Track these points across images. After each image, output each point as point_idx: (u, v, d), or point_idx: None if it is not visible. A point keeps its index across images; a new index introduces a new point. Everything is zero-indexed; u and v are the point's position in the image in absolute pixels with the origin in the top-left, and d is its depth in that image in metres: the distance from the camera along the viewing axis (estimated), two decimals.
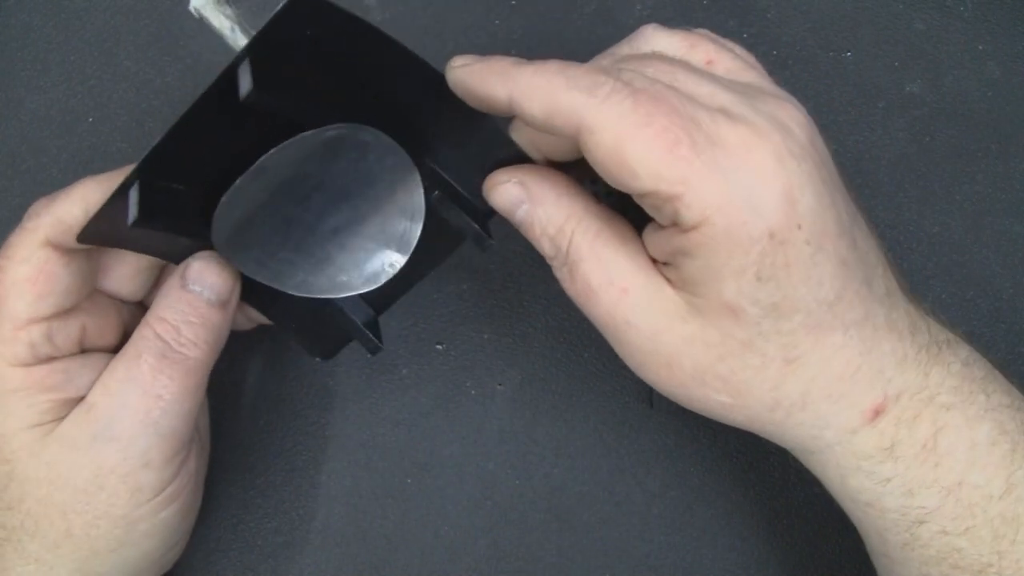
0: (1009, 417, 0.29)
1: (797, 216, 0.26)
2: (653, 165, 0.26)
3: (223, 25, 0.32)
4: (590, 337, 0.40)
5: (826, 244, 0.27)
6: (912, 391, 0.29)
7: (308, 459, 0.39)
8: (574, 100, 0.26)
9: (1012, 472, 0.28)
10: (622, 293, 0.28)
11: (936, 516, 0.28)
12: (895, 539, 0.30)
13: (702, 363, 0.28)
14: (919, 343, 0.29)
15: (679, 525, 0.39)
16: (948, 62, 0.41)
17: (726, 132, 0.26)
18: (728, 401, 0.29)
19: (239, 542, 0.39)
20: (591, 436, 0.39)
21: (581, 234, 0.29)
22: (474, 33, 0.41)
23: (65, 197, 0.31)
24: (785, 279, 0.26)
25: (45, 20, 0.41)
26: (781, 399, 0.28)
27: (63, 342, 0.31)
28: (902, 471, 0.28)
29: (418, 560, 0.39)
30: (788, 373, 0.28)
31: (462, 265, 0.40)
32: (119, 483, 0.31)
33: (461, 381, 0.40)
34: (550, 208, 0.30)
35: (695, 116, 0.26)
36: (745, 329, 0.27)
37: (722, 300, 0.27)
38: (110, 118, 0.40)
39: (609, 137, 0.26)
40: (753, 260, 0.26)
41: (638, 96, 0.26)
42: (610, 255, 0.29)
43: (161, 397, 0.31)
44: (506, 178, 0.30)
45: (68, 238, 0.31)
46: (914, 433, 0.28)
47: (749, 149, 0.26)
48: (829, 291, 0.27)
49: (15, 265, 0.31)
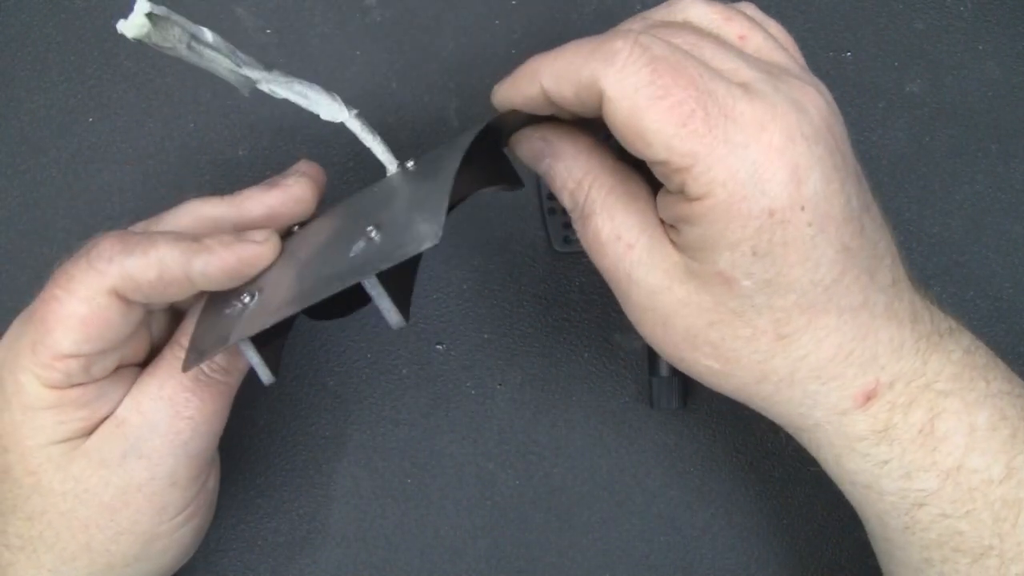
0: (1010, 404, 0.29)
1: (802, 197, 0.26)
2: (666, 137, 0.26)
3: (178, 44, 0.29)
4: (590, 337, 0.40)
5: (829, 228, 0.27)
6: (908, 378, 0.29)
7: (308, 459, 0.39)
8: (594, 71, 0.27)
9: (1013, 457, 0.28)
10: (628, 248, 0.29)
11: (935, 499, 0.29)
12: (895, 522, 0.30)
13: (694, 326, 0.29)
14: (919, 331, 0.29)
15: (679, 525, 0.39)
16: (948, 62, 0.41)
17: (742, 107, 0.26)
18: (716, 367, 0.29)
19: (239, 542, 0.39)
20: (591, 436, 0.39)
21: (596, 189, 0.30)
22: (474, 33, 0.41)
23: (142, 254, 0.30)
24: (782, 257, 0.27)
25: (45, 20, 0.41)
26: (769, 373, 0.29)
27: (99, 372, 0.31)
28: (899, 454, 0.29)
29: (418, 560, 0.39)
30: (778, 348, 0.28)
31: (462, 265, 0.40)
32: (145, 501, 0.31)
33: (461, 381, 0.40)
34: (570, 162, 0.31)
35: (712, 89, 0.26)
36: (738, 300, 0.28)
37: (717, 269, 0.27)
38: (110, 118, 0.40)
39: (626, 106, 0.26)
40: (750, 235, 0.26)
41: (656, 65, 0.26)
42: (620, 211, 0.30)
43: (192, 419, 0.31)
44: (532, 133, 0.31)
45: (136, 295, 0.30)
46: (909, 418, 0.29)
47: (762, 126, 0.26)
48: (826, 274, 0.27)
49: (74, 301, 0.30)
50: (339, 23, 0.41)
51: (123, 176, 0.41)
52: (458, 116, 0.40)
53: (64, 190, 0.41)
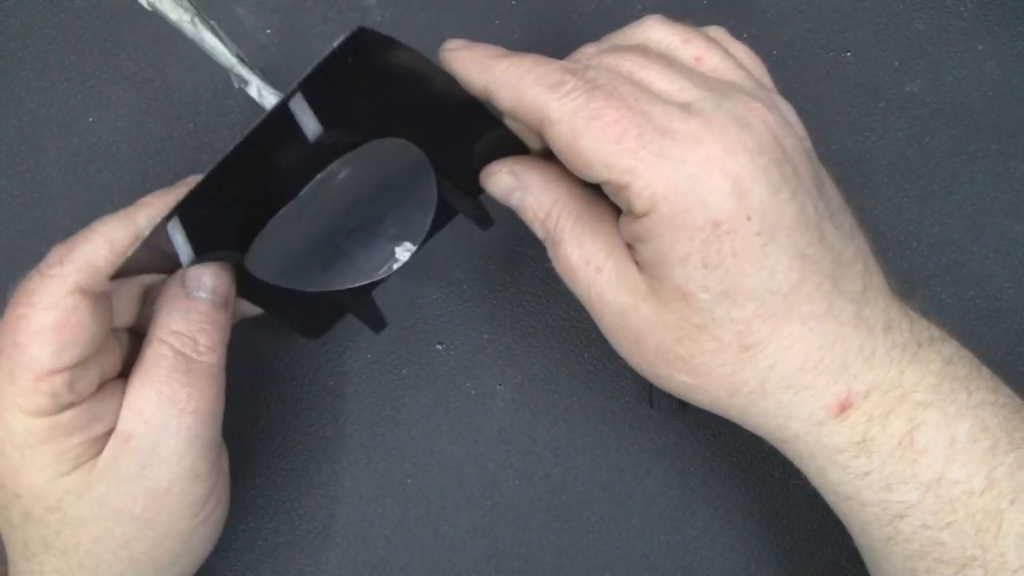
0: (991, 414, 0.29)
1: (747, 208, 0.27)
2: (603, 156, 0.27)
3: (182, 18, 0.32)
4: (590, 337, 0.40)
5: (780, 236, 0.27)
6: (883, 388, 0.29)
7: (308, 459, 0.39)
8: (538, 96, 0.28)
9: (993, 468, 0.28)
10: (596, 272, 0.30)
11: (916, 511, 0.29)
12: (878, 533, 0.30)
13: (663, 343, 0.29)
14: (893, 340, 0.29)
15: (679, 525, 0.39)
16: (948, 62, 0.41)
17: (678, 125, 0.27)
18: (690, 382, 0.30)
19: (239, 542, 0.39)
20: (591, 436, 0.39)
21: (564, 218, 0.31)
22: (474, 33, 0.41)
23: (86, 240, 0.30)
24: (734, 267, 0.27)
25: (45, 20, 0.41)
26: (740, 385, 0.29)
27: (84, 388, 0.30)
28: (878, 466, 0.29)
29: (418, 560, 0.39)
30: (745, 360, 0.28)
31: (462, 265, 0.40)
32: (175, 502, 0.31)
33: (461, 381, 0.40)
34: (539, 194, 0.32)
35: (648, 111, 0.27)
36: (698, 314, 0.28)
37: (673, 284, 0.28)
38: (110, 118, 0.40)
39: (566, 129, 0.28)
40: (698, 247, 0.27)
41: (594, 92, 0.28)
42: (588, 237, 0.30)
43: (197, 410, 0.31)
44: (500, 168, 0.33)
45: (98, 282, 0.30)
46: (887, 429, 0.29)
47: (698, 141, 0.27)
48: (783, 282, 0.28)
49: (40, 313, 0.29)
50: (339, 23, 0.41)
51: (123, 176, 0.41)
52: None
53: (64, 190, 0.41)
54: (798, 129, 0.30)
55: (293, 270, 0.33)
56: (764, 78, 0.32)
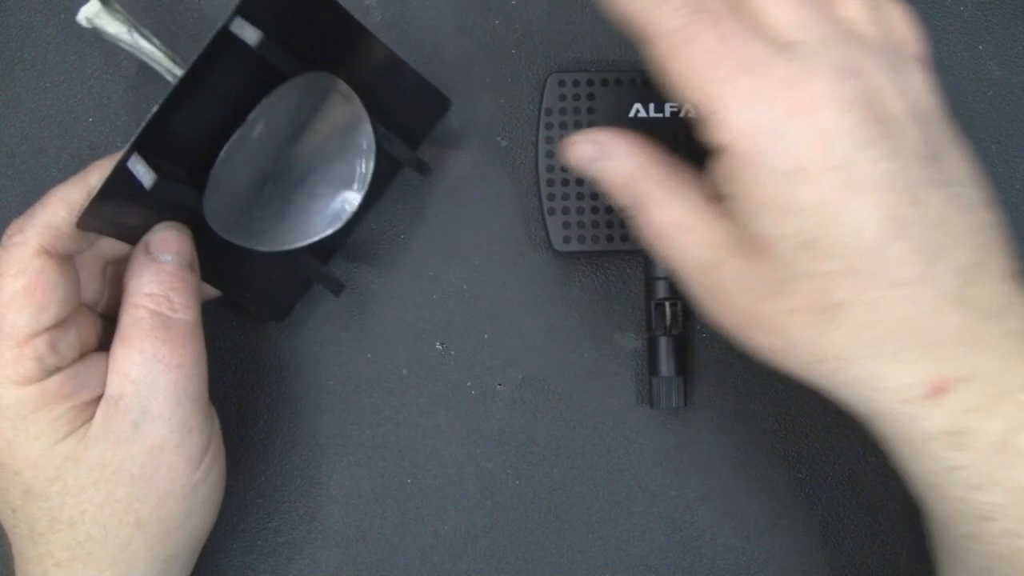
0: None
1: (832, 158, 0.26)
2: (691, 80, 0.27)
3: (119, 30, 0.35)
4: (590, 337, 0.40)
5: (868, 193, 0.26)
6: (984, 378, 0.27)
7: (308, 459, 0.39)
8: (644, 7, 0.28)
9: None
10: (684, 232, 0.30)
11: (1003, 514, 0.27)
12: (959, 529, 0.29)
13: (749, 301, 0.28)
14: (1004, 329, 0.27)
15: (679, 525, 0.39)
16: (948, 62, 0.41)
17: (776, 67, 0.27)
18: (776, 345, 0.29)
19: (239, 542, 0.39)
20: (591, 436, 0.39)
21: (648, 181, 0.31)
22: (474, 33, 0.41)
23: (44, 206, 0.31)
24: (815, 217, 0.26)
25: (45, 20, 0.41)
26: (825, 350, 0.28)
27: (66, 350, 0.31)
28: (970, 463, 0.27)
29: (418, 560, 0.39)
30: (828, 321, 0.27)
31: (462, 265, 0.40)
32: (173, 456, 0.32)
33: (461, 381, 0.40)
34: (621, 160, 0.32)
35: (744, 45, 0.27)
36: (779, 266, 0.27)
37: (754, 232, 0.27)
38: (110, 118, 0.40)
39: (663, 47, 0.28)
40: (778, 191, 0.27)
41: (698, 15, 0.27)
42: (674, 198, 0.30)
43: (182, 365, 0.32)
44: (580, 138, 0.32)
45: (61, 243, 0.31)
46: (985, 425, 0.27)
47: (791, 86, 0.26)
48: (870, 239, 0.26)
49: (9, 280, 0.30)
50: None
51: None
52: (458, 116, 0.40)
53: None
54: (922, 98, 0.29)
55: (248, 224, 0.34)
56: (908, 44, 0.30)
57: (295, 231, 0.35)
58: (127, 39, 0.35)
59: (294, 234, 0.35)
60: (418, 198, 0.40)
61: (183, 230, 0.34)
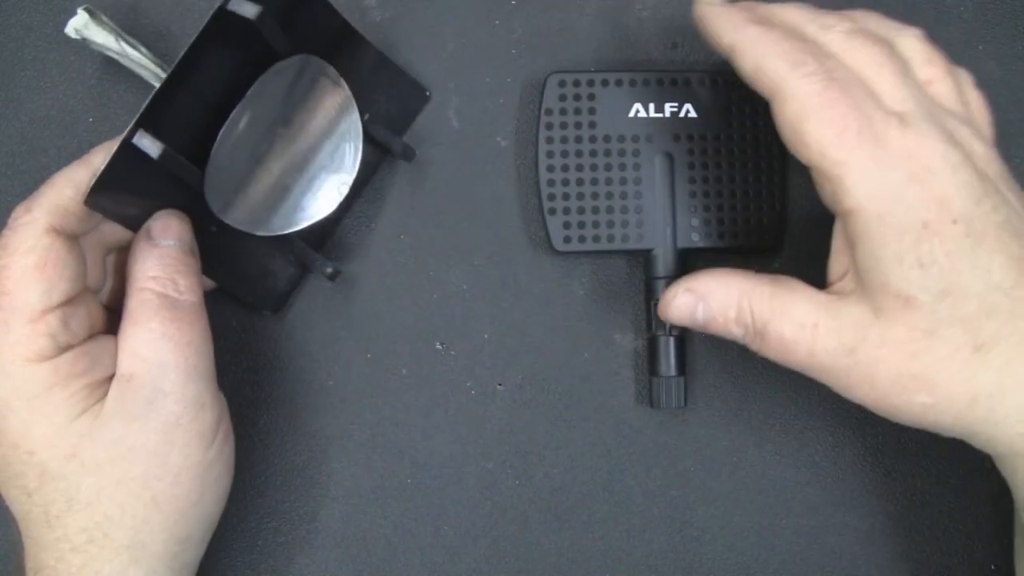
0: None
1: (951, 213, 0.28)
2: (822, 142, 0.29)
3: (107, 40, 0.36)
4: (590, 337, 0.40)
5: (989, 240, 0.28)
6: None
7: (308, 459, 0.39)
8: (779, 69, 0.30)
9: None
10: (814, 329, 0.31)
11: None
12: None
13: (897, 364, 0.29)
14: None
15: (679, 525, 0.39)
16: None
17: (893, 134, 0.29)
18: (929, 400, 0.29)
19: (239, 542, 0.39)
20: (591, 436, 0.39)
21: (758, 301, 0.32)
22: (474, 33, 0.41)
23: (50, 187, 0.32)
24: (948, 266, 0.28)
25: (45, 20, 0.41)
26: (978, 391, 0.29)
27: (78, 327, 0.32)
28: None
29: (418, 560, 0.39)
30: (978, 361, 0.29)
31: (462, 265, 0.40)
32: (187, 432, 0.32)
33: (461, 381, 0.40)
34: (721, 295, 0.33)
35: (871, 114, 0.29)
36: (924, 318, 0.28)
37: (894, 292, 0.29)
38: (110, 118, 0.40)
39: (797, 107, 0.30)
40: (909, 247, 0.28)
41: (830, 83, 0.29)
42: (790, 305, 0.31)
43: (191, 343, 0.32)
44: (675, 291, 0.34)
45: (69, 222, 0.31)
46: None
47: (908, 154, 0.29)
48: (1002, 279, 0.28)
49: (19, 258, 0.31)
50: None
51: None
52: (458, 116, 0.40)
53: None
54: (1000, 165, 0.31)
55: (245, 206, 0.35)
56: (985, 128, 0.33)
57: (290, 216, 0.36)
58: (115, 47, 0.36)
59: (289, 219, 0.36)
60: (418, 198, 0.40)
61: (183, 217, 0.34)
